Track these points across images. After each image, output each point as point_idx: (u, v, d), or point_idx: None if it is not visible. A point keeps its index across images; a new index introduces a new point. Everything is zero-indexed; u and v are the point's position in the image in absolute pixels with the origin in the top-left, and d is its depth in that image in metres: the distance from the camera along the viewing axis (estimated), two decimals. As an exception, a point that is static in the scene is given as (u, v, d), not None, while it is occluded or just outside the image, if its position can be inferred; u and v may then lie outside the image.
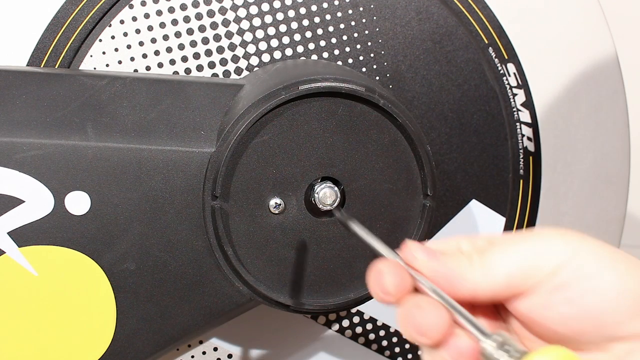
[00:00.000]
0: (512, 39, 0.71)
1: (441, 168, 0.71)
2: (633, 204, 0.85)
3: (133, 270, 0.63)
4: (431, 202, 0.63)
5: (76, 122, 0.63)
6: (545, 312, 0.47)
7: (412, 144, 0.62)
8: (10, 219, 0.62)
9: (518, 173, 0.73)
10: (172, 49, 0.68)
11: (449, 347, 0.45)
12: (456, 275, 0.47)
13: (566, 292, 0.46)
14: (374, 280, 0.47)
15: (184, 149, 0.62)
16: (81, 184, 0.62)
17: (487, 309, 0.50)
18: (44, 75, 0.64)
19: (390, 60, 0.70)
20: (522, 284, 0.46)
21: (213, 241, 0.62)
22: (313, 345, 0.74)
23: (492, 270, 0.46)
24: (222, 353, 0.72)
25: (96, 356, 0.64)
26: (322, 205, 0.61)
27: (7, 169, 0.61)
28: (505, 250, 0.47)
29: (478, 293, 0.47)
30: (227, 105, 0.64)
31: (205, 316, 0.64)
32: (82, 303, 0.63)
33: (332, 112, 0.61)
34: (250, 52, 0.69)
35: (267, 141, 0.61)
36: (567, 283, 0.46)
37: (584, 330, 0.47)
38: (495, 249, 0.47)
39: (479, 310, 0.49)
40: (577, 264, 0.46)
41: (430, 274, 0.47)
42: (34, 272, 0.62)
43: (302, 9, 0.69)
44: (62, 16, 0.67)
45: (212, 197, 0.61)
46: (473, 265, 0.47)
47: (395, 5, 0.70)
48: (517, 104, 0.72)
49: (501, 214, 0.73)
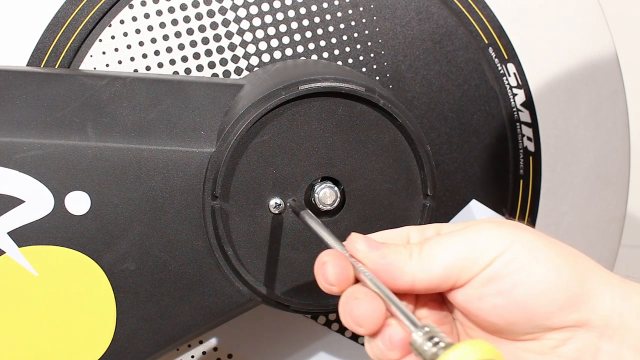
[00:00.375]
0: (512, 39, 0.71)
1: (441, 168, 0.71)
2: (633, 204, 0.85)
3: (133, 270, 0.63)
4: (431, 202, 0.63)
5: (76, 122, 0.63)
6: (480, 303, 0.48)
7: (412, 144, 0.62)
8: (10, 219, 0.62)
9: (518, 173, 0.73)
10: (172, 49, 0.69)
11: (382, 337, 0.47)
12: (395, 267, 0.48)
13: (498, 283, 0.47)
14: (317, 270, 0.49)
15: (184, 149, 0.62)
16: (81, 184, 0.62)
17: (434, 299, 0.52)
18: (44, 75, 0.64)
19: (390, 60, 0.70)
20: (458, 276, 0.48)
21: (213, 241, 0.62)
22: (313, 345, 0.74)
23: (429, 262, 0.48)
24: (222, 353, 0.73)
25: (96, 356, 0.64)
26: (322, 205, 0.61)
27: (7, 169, 0.61)
28: (443, 243, 0.49)
29: (416, 284, 0.48)
30: (227, 105, 0.64)
31: (205, 316, 0.64)
32: (82, 303, 0.63)
33: (332, 112, 0.61)
34: (250, 52, 0.69)
35: (267, 141, 0.61)
36: (499, 275, 0.47)
37: (517, 321, 0.48)
38: (434, 242, 0.49)
39: (426, 300, 0.51)
40: (511, 257, 0.47)
41: (371, 265, 0.49)
42: (34, 272, 0.62)
43: (302, 9, 0.69)
44: (62, 16, 0.67)
45: (212, 197, 0.61)
46: (412, 258, 0.48)
47: (395, 5, 0.70)
48: (517, 104, 0.72)
49: (501, 214, 0.73)
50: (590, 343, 0.48)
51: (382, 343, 0.47)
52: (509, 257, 0.48)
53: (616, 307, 0.48)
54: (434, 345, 0.43)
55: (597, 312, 0.48)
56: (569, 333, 0.48)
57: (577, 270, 0.48)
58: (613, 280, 0.49)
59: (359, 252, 0.49)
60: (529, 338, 0.49)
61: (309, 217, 0.56)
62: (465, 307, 0.49)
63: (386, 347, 0.47)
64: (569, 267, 0.48)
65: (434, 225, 0.52)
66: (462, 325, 0.52)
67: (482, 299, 0.48)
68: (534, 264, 0.47)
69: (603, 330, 0.48)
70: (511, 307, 0.48)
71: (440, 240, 0.49)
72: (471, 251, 0.48)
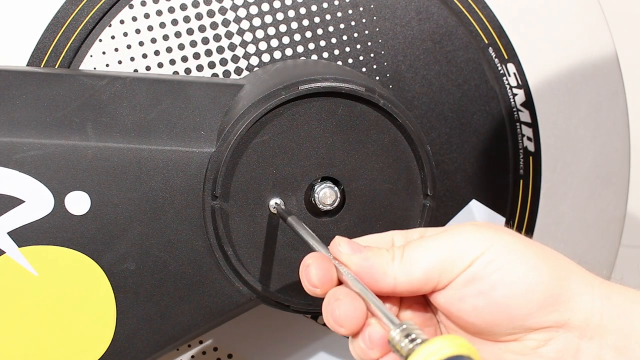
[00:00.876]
0: (512, 39, 0.71)
1: (441, 168, 0.71)
2: (633, 204, 0.85)
3: (133, 270, 0.63)
4: (431, 202, 0.63)
5: (76, 122, 0.63)
6: (460, 304, 0.49)
7: (412, 144, 0.62)
8: (10, 219, 0.62)
9: (518, 173, 0.73)
10: (172, 49, 0.69)
11: (363, 336, 0.48)
12: (377, 269, 0.49)
13: (478, 284, 0.48)
14: (301, 272, 0.50)
15: (184, 149, 0.62)
16: (81, 184, 0.62)
17: (418, 301, 0.52)
18: (44, 75, 0.64)
19: (390, 60, 0.70)
20: (439, 279, 0.49)
21: (213, 241, 0.62)
22: (313, 345, 0.74)
23: (410, 265, 0.49)
24: (222, 353, 0.73)
25: (96, 356, 0.64)
26: (322, 205, 0.61)
27: (7, 169, 0.61)
28: (424, 246, 0.49)
29: (398, 287, 0.49)
30: (227, 105, 0.64)
31: (205, 316, 0.64)
32: (82, 303, 0.63)
33: (332, 112, 0.61)
34: (250, 52, 0.69)
35: (267, 141, 0.61)
36: (479, 276, 0.48)
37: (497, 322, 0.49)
38: (416, 244, 0.50)
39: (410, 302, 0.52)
40: (490, 257, 0.48)
41: (354, 268, 0.50)
42: (34, 272, 0.62)
43: (302, 9, 0.69)
44: (62, 16, 0.67)
45: (212, 197, 0.61)
46: (394, 261, 0.49)
47: (395, 5, 0.70)
48: (517, 104, 0.72)
49: (501, 214, 0.73)
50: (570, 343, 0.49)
51: (363, 342, 0.48)
52: (488, 258, 0.48)
53: (596, 307, 0.49)
54: (411, 342, 0.44)
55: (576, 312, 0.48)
56: (550, 334, 0.49)
57: (557, 270, 0.49)
58: (593, 281, 0.49)
59: (342, 255, 0.50)
60: (510, 339, 0.49)
61: (295, 222, 0.57)
62: (447, 309, 0.50)
63: (367, 345, 0.48)
64: (549, 267, 0.49)
65: (418, 230, 0.53)
66: (445, 327, 0.52)
67: (462, 300, 0.49)
68: (513, 264, 0.48)
69: (583, 331, 0.49)
70: (491, 308, 0.48)
71: (422, 243, 0.50)
72: (451, 253, 0.49)
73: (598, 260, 0.75)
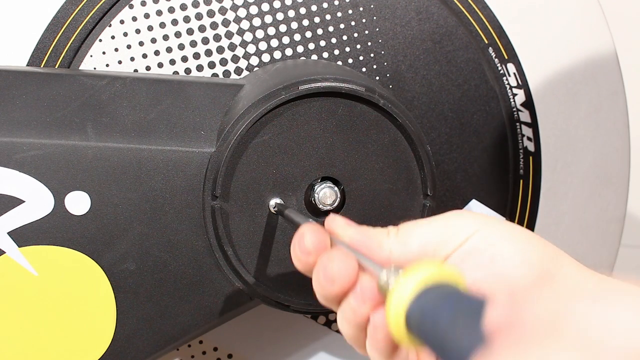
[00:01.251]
0: (512, 39, 0.71)
1: (441, 168, 0.71)
2: (633, 204, 0.85)
3: (133, 270, 0.63)
4: (431, 202, 0.63)
5: (76, 122, 0.63)
6: None
7: (412, 144, 0.62)
8: (10, 219, 0.62)
9: (518, 173, 0.73)
10: (172, 49, 0.68)
11: (355, 292, 0.48)
12: (373, 240, 0.50)
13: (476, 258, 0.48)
14: (295, 241, 0.50)
15: (184, 149, 0.62)
16: (81, 184, 0.62)
17: None
18: (44, 75, 0.64)
19: (390, 60, 0.70)
20: (435, 254, 0.49)
21: (213, 241, 0.62)
22: (313, 345, 0.74)
23: (406, 239, 0.50)
24: (222, 353, 0.73)
25: (96, 356, 0.64)
26: (322, 205, 0.61)
27: (7, 169, 0.61)
28: (420, 224, 0.50)
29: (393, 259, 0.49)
30: (227, 105, 0.64)
31: (205, 316, 0.64)
32: (82, 303, 0.63)
33: (332, 112, 0.61)
34: (250, 52, 0.69)
35: (267, 141, 0.61)
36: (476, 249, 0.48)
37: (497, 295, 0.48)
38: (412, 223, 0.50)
39: None
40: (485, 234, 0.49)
41: (349, 240, 0.50)
42: (34, 272, 0.62)
43: (302, 9, 0.69)
44: (62, 16, 0.67)
45: (212, 197, 0.61)
46: (389, 236, 0.50)
47: (395, 5, 0.70)
48: (517, 104, 0.72)
49: (501, 214, 0.73)
50: None
51: (355, 298, 0.48)
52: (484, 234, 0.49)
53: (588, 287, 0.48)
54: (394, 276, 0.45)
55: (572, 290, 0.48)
56: None
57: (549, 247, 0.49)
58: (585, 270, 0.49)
59: (338, 227, 0.51)
60: None
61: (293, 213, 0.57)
62: None
63: (358, 299, 0.48)
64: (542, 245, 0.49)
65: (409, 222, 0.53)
66: None
67: None
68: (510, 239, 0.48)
69: None
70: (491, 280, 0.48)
71: (417, 222, 0.50)
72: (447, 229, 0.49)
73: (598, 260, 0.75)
